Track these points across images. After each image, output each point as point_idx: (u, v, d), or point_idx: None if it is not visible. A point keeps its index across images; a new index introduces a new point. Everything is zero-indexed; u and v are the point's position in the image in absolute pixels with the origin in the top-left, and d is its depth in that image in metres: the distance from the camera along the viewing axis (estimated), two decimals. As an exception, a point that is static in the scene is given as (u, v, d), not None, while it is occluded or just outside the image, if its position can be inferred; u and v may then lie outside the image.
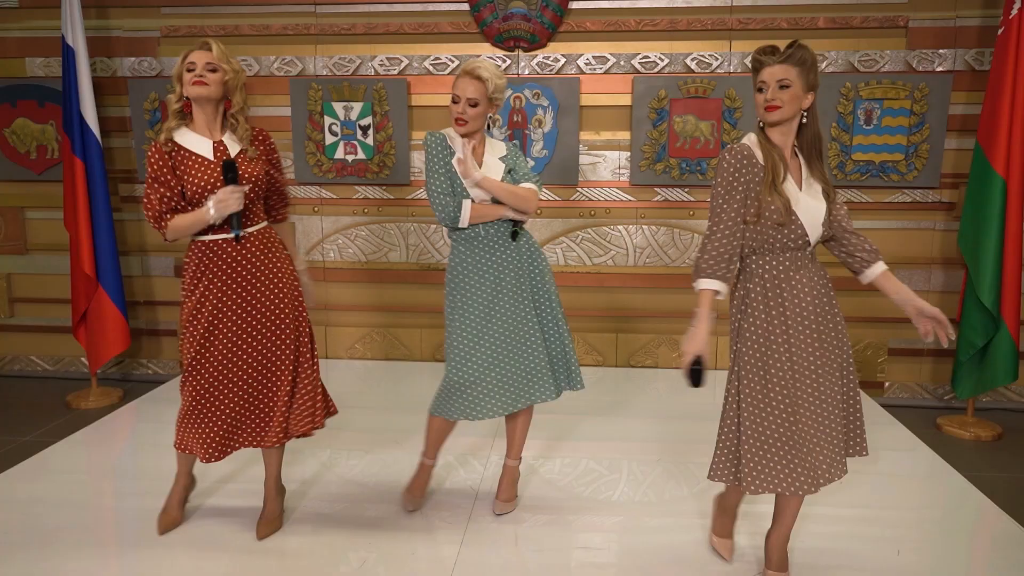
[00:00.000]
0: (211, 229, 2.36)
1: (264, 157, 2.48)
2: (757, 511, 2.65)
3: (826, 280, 2.20)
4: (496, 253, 2.56)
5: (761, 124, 2.12)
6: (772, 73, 2.02)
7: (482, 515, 2.73)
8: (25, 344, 4.65)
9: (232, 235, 2.34)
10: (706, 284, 2.09)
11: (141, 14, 4.29)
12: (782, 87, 2.01)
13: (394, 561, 2.43)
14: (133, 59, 4.33)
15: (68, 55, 3.87)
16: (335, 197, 4.43)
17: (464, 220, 2.50)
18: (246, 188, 2.34)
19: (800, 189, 2.10)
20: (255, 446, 2.49)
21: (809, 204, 2.10)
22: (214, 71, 2.32)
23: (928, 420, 3.93)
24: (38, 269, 4.56)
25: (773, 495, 2.26)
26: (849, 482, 2.96)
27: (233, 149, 2.39)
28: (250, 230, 2.41)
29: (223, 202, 2.28)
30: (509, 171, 2.59)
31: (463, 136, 2.54)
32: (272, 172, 2.52)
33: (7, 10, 4.31)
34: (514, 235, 2.58)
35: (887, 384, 4.30)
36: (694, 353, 2.03)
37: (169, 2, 4.27)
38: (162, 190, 2.32)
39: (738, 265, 2.17)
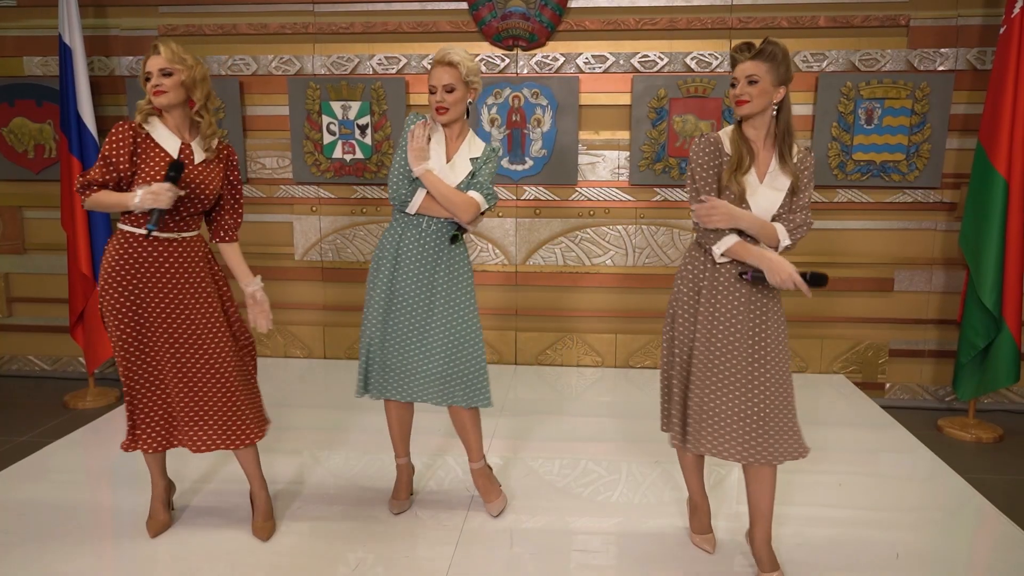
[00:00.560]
0: (139, 221, 2.32)
1: (222, 173, 2.46)
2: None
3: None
4: (430, 247, 2.53)
5: (738, 118, 2.23)
6: (743, 69, 2.14)
7: (478, 516, 2.71)
8: (23, 344, 4.64)
9: (145, 230, 2.28)
10: (729, 240, 2.17)
11: (139, 13, 4.28)
12: (751, 83, 2.13)
13: (389, 563, 2.41)
14: (131, 58, 4.32)
15: (65, 54, 3.86)
16: (333, 197, 4.42)
17: (413, 207, 2.49)
18: (181, 192, 2.29)
19: (761, 181, 2.21)
20: (189, 448, 2.46)
21: (766, 195, 2.20)
22: (169, 75, 2.29)
23: (929, 422, 3.91)
24: (36, 269, 4.55)
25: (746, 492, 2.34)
26: (848, 483, 2.97)
27: (198, 157, 2.38)
28: (186, 234, 2.39)
29: (155, 195, 2.22)
30: (472, 174, 2.55)
31: (444, 125, 2.53)
32: (226, 189, 2.51)
33: (5, 9, 4.30)
34: (453, 239, 2.55)
35: (888, 385, 4.28)
36: (792, 271, 2.09)
37: (167, 1, 4.25)
38: (107, 169, 2.28)
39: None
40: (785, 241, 2.20)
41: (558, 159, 4.22)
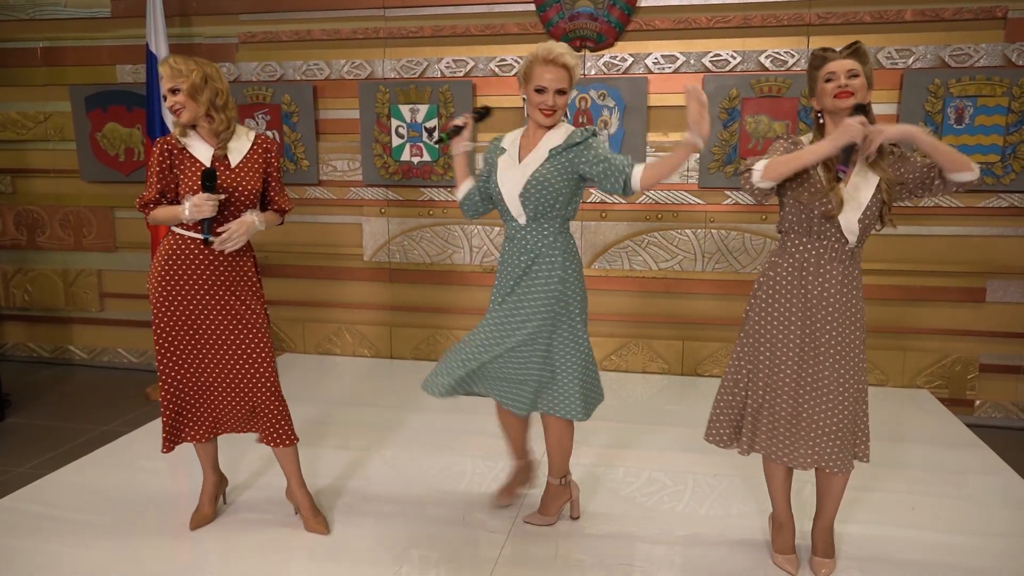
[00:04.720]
0: (189, 225, 2.39)
1: (262, 168, 2.47)
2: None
3: (856, 285, 2.21)
4: (526, 255, 2.51)
5: (820, 119, 2.18)
6: (841, 65, 2.11)
7: (526, 525, 2.68)
8: (113, 337, 4.91)
9: (201, 238, 2.36)
10: (760, 161, 2.13)
11: (221, 21, 4.45)
12: (852, 76, 2.09)
13: (431, 565, 2.41)
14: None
15: (151, 61, 4.06)
16: (401, 199, 4.48)
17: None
18: (221, 197, 2.34)
19: (845, 185, 2.15)
20: (240, 431, 2.58)
21: (855, 197, 2.15)
22: (177, 92, 2.31)
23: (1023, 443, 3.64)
24: (126, 266, 4.80)
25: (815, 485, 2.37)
26: (925, 505, 2.80)
27: (234, 158, 2.41)
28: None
29: (197, 207, 2.29)
30: (551, 157, 2.37)
31: (549, 127, 2.40)
32: (268, 180, 2.51)
33: (100, 20, 4.56)
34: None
35: (977, 403, 4.00)
36: (850, 122, 2.01)
37: (247, 10, 4.41)
38: (153, 181, 2.39)
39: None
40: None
41: (625, 161, 4.14)
